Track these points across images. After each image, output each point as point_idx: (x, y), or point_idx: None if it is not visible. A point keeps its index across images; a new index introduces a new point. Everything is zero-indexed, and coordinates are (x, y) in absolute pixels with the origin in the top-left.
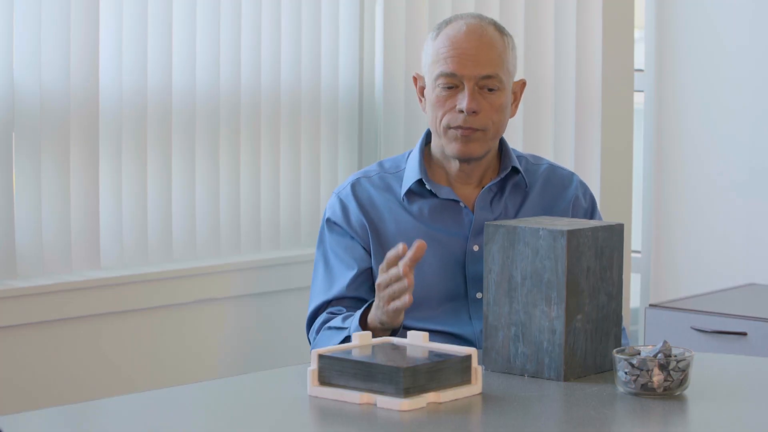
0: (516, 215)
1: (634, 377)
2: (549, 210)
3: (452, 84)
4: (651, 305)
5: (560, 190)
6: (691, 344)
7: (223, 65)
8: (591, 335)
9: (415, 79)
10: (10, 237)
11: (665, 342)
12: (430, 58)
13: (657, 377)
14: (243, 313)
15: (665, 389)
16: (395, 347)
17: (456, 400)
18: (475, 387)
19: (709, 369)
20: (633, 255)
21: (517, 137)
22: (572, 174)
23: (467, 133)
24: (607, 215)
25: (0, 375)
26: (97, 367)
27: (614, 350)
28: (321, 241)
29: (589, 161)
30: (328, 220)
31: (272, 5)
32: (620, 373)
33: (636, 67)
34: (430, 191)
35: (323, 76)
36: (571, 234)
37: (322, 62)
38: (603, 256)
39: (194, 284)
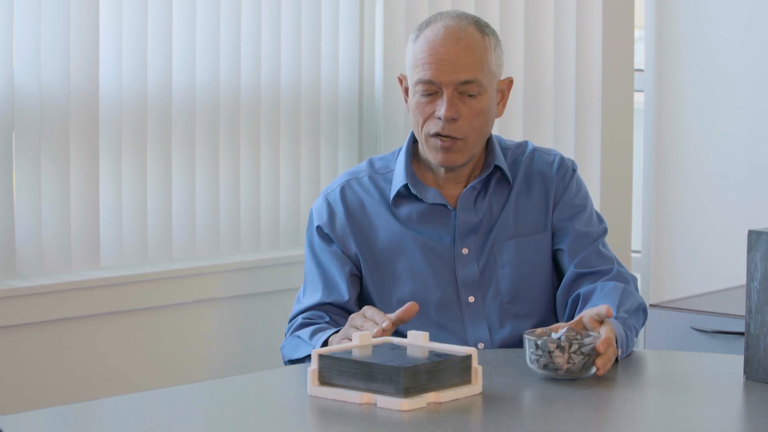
0: (500, 213)
1: (537, 357)
2: (533, 202)
3: (431, 91)
4: (651, 305)
5: (541, 178)
6: (691, 344)
7: (222, 65)
8: None
9: (400, 79)
10: (10, 237)
11: (570, 327)
12: (410, 61)
13: (558, 359)
14: (242, 313)
15: (567, 371)
16: (395, 347)
17: (456, 400)
18: (475, 387)
19: (709, 369)
20: (633, 255)
21: (517, 137)
22: (554, 157)
23: (448, 144)
24: (607, 215)
25: (0, 375)
26: (97, 367)
27: (525, 331)
28: (310, 243)
29: (589, 161)
30: (317, 226)
31: (272, 5)
32: (528, 354)
33: (636, 66)
34: (417, 196)
35: (323, 76)
36: None
37: (322, 62)
38: None
39: (194, 284)
